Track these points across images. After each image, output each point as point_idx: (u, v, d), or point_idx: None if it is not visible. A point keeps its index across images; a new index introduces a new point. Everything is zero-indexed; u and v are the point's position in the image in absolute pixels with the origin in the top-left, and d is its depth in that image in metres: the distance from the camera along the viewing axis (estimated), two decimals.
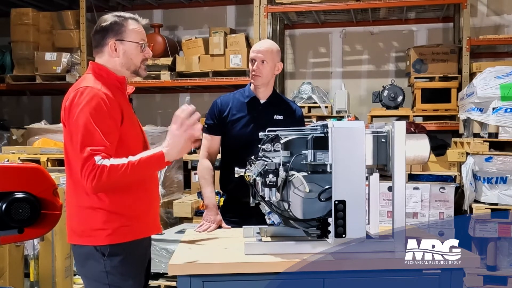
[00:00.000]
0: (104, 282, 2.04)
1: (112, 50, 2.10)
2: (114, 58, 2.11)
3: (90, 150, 1.90)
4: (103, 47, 2.11)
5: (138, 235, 2.10)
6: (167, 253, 4.06)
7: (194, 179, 5.66)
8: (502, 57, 6.45)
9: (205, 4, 7.39)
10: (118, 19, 2.11)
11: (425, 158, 2.07)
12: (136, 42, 2.11)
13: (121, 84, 2.14)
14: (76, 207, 2.07)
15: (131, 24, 2.12)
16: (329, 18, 6.88)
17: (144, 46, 2.14)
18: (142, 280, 2.18)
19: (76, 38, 6.69)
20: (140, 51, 2.13)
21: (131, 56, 2.12)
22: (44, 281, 3.52)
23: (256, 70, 2.72)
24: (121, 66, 2.12)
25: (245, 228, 2.33)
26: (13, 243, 3.01)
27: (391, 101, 5.80)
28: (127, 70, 2.14)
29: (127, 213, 2.05)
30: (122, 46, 2.10)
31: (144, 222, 2.12)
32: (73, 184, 2.07)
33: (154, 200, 2.21)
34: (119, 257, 2.04)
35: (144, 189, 2.10)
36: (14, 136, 6.44)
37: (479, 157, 4.07)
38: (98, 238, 2.02)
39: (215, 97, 2.95)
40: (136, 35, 2.12)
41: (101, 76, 2.09)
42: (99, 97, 1.97)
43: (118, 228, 2.03)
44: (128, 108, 2.15)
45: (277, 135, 2.04)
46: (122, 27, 2.10)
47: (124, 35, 2.10)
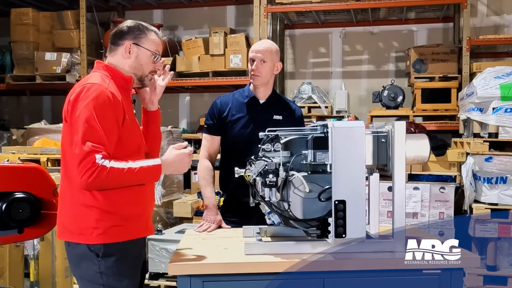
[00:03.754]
0: (98, 283, 2.02)
1: (126, 51, 2.12)
2: (125, 59, 2.13)
3: (92, 146, 1.89)
4: (118, 47, 2.14)
5: (130, 236, 2.08)
6: (167, 253, 4.06)
7: (194, 179, 5.66)
8: (502, 57, 6.46)
9: (205, 4, 7.39)
10: (141, 26, 2.16)
11: (425, 158, 2.07)
12: (151, 51, 2.15)
13: (127, 84, 2.14)
14: (69, 204, 2.04)
15: (151, 34, 2.16)
16: (329, 18, 6.89)
17: (158, 58, 2.17)
18: (137, 280, 2.17)
19: (76, 38, 6.70)
20: (152, 61, 2.16)
21: (142, 62, 2.14)
22: (44, 281, 3.52)
23: (256, 70, 2.72)
24: (130, 68, 2.14)
25: (245, 228, 2.33)
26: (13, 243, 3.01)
27: (391, 101, 5.80)
28: (134, 74, 2.15)
29: (120, 212, 2.03)
30: (136, 50, 2.12)
31: (137, 224, 2.11)
32: (68, 180, 2.05)
33: (149, 202, 2.20)
34: (113, 257, 2.02)
35: (140, 191, 2.09)
36: (14, 136, 6.44)
37: (479, 157, 4.07)
38: (89, 236, 2.00)
39: (215, 97, 2.95)
40: (152, 45, 2.15)
41: (108, 75, 2.09)
42: (105, 95, 1.97)
43: (110, 227, 2.01)
44: (130, 109, 2.15)
45: (277, 135, 2.04)
46: (142, 33, 2.14)
47: (142, 41, 2.13)
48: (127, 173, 1.93)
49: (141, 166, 1.97)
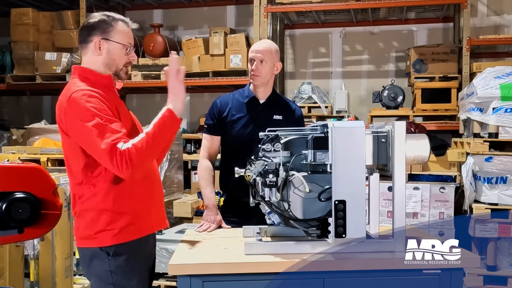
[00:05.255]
0: (108, 282, 2.03)
1: (96, 48, 2.08)
2: (97, 56, 2.09)
3: (111, 141, 1.88)
4: (88, 44, 2.09)
5: (145, 232, 2.09)
6: (167, 253, 4.06)
7: (194, 179, 5.66)
8: (502, 57, 6.46)
9: (205, 4, 7.39)
10: (107, 18, 2.10)
11: (425, 158, 2.07)
12: (121, 44, 2.10)
13: (109, 83, 2.12)
14: (82, 212, 2.06)
15: (119, 25, 2.10)
16: (329, 18, 6.89)
17: (130, 49, 2.13)
18: (147, 279, 2.17)
19: (76, 38, 6.65)
20: (124, 54, 2.12)
21: (114, 56, 2.10)
22: (44, 281, 3.52)
23: (255, 70, 2.72)
24: (103, 65, 2.10)
25: (245, 228, 2.32)
26: (13, 243, 3.01)
27: (391, 101, 5.80)
28: (108, 70, 2.11)
29: (131, 211, 2.04)
30: (106, 45, 2.08)
31: (150, 219, 2.12)
32: (77, 191, 2.06)
33: (157, 194, 2.20)
34: (123, 256, 2.03)
35: (145, 185, 2.09)
36: (14, 136, 6.45)
37: (479, 157, 4.07)
38: (104, 239, 2.02)
39: (215, 97, 2.95)
40: (122, 37, 2.10)
41: (87, 79, 2.06)
42: (92, 93, 1.96)
43: (124, 227, 2.02)
44: (121, 105, 2.14)
45: (277, 135, 2.04)
46: (110, 27, 2.08)
47: (111, 34, 2.08)
48: (148, 138, 1.92)
49: (154, 124, 1.97)
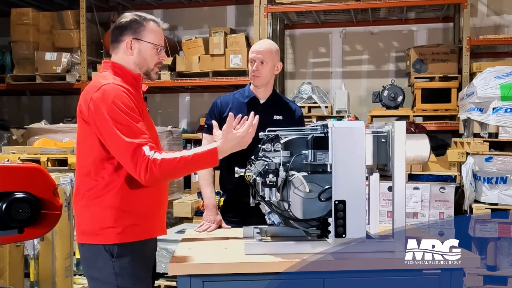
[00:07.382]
0: (113, 284, 2.01)
1: (128, 48, 2.08)
2: (128, 56, 2.09)
3: (137, 142, 1.87)
4: (119, 44, 2.10)
5: (146, 235, 2.07)
6: (167, 253, 4.05)
7: (194, 179, 5.66)
8: (502, 57, 6.45)
9: (205, 4, 7.39)
10: (139, 18, 2.11)
11: (425, 158, 2.07)
12: (153, 44, 2.10)
13: (137, 82, 2.12)
14: (86, 206, 2.03)
15: (150, 25, 2.11)
16: (329, 18, 6.88)
17: (160, 50, 2.13)
18: (150, 281, 2.16)
19: (76, 38, 6.70)
20: (155, 53, 2.12)
21: (146, 56, 2.10)
22: (44, 281, 3.52)
23: (256, 71, 2.72)
24: (134, 65, 2.10)
25: (245, 228, 2.33)
26: (13, 243, 3.01)
27: (391, 101, 5.80)
28: (139, 70, 2.12)
29: (137, 211, 2.02)
30: (138, 45, 2.09)
31: (152, 222, 2.10)
32: (83, 183, 2.04)
33: (164, 200, 2.19)
34: (127, 257, 2.01)
35: (155, 190, 2.06)
36: (14, 136, 6.44)
37: (479, 157, 4.06)
38: (108, 236, 1.99)
39: (215, 97, 2.95)
40: (154, 37, 2.11)
41: (119, 74, 2.07)
42: (122, 92, 1.97)
43: (128, 226, 2.00)
44: (143, 106, 2.14)
45: (277, 135, 2.04)
46: (141, 26, 2.09)
47: (142, 34, 2.09)
48: (180, 161, 1.90)
49: (195, 153, 1.93)
